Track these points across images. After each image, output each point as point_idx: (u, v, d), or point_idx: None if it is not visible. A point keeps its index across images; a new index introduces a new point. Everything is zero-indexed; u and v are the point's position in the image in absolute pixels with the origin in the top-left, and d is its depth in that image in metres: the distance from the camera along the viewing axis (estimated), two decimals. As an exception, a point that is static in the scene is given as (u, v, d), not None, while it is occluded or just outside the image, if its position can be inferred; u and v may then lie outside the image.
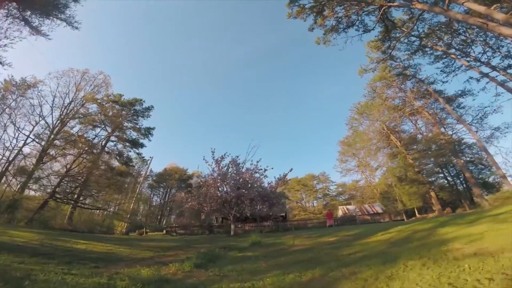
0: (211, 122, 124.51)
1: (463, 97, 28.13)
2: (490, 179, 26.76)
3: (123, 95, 37.39)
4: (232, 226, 18.90)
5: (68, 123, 28.91)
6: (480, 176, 27.22)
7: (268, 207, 18.23)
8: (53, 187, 23.05)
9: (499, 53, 23.19)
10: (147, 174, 30.15)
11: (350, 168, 42.05)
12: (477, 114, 28.04)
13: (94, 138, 36.17)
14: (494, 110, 26.91)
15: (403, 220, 30.18)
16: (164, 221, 60.87)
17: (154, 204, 66.22)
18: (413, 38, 25.42)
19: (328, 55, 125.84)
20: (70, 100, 29.07)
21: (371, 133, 33.04)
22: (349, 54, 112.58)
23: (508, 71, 23.50)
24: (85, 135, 31.07)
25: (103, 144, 36.71)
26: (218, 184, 19.20)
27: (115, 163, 37.99)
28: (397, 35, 23.25)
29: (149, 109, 39.12)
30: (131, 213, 27.96)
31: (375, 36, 23.32)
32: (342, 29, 20.98)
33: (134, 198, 29.97)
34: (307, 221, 27.53)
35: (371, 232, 10.70)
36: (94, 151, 31.81)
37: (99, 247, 8.07)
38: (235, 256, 7.80)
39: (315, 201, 53.86)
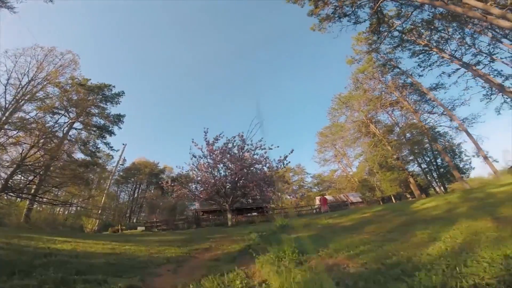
0: (185, 116, 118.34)
1: (437, 90, 29.37)
2: (461, 165, 28.37)
3: (90, 79, 32.90)
4: (229, 216, 16.86)
5: (23, 107, 24.05)
6: (453, 161, 28.67)
7: (272, 192, 16.51)
8: (3, 180, 18.68)
9: (474, 49, 24.17)
10: (120, 163, 26.31)
11: (327, 158, 42.28)
12: (447, 106, 29.52)
13: (54, 125, 31.48)
14: (462, 102, 28.40)
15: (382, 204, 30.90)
16: (135, 218, 55.83)
17: (121, 201, 60.64)
18: (396, 33, 26.04)
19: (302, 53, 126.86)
20: (29, 79, 24.21)
21: (351, 122, 33.14)
22: (329, 49, 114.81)
23: (478, 67, 24.72)
24: (43, 122, 26.33)
25: (65, 131, 31.99)
26: (210, 169, 16.93)
27: (80, 155, 33.47)
28: (383, 29, 23.87)
29: (119, 95, 35.12)
30: (103, 208, 24.18)
31: (367, 28, 23.82)
32: (337, 18, 21.10)
33: (105, 192, 26.02)
34: (297, 209, 26.43)
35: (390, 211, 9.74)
36: (55, 140, 27.23)
37: (91, 246, 5.57)
38: (299, 236, 6.16)
39: (291, 194, 53.46)
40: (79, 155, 33.20)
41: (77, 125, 32.55)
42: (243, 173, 15.32)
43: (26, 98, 22.72)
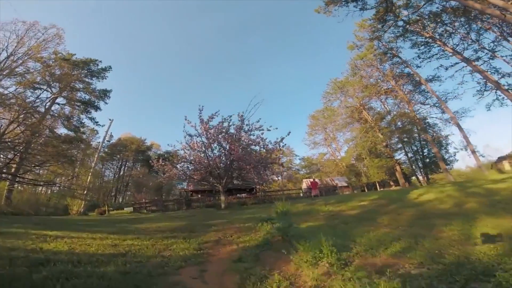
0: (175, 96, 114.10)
1: (432, 82, 29.41)
2: (446, 156, 29.17)
3: (75, 54, 30.82)
4: (223, 198, 16.45)
5: (1, 82, 22.15)
6: (440, 153, 29.42)
7: (269, 175, 16.12)
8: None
9: (477, 45, 24.00)
10: (107, 139, 24.99)
11: (317, 141, 42.46)
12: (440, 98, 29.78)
13: (35, 101, 29.63)
14: (455, 96, 28.64)
15: (367, 191, 31.71)
16: (120, 198, 54.67)
17: (106, 179, 58.91)
18: (400, 23, 25.76)
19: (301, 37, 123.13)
20: (8, 54, 22.41)
21: (344, 107, 33.00)
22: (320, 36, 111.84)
23: (477, 63, 24.69)
24: (24, 97, 24.52)
25: (47, 106, 30.06)
26: (204, 148, 16.18)
27: (63, 130, 31.66)
28: (389, 18, 23.60)
29: (105, 69, 33.25)
30: (89, 188, 23.13)
31: (372, 15, 23.50)
32: (344, 2, 20.44)
33: (91, 171, 24.80)
34: (285, 191, 26.47)
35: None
36: (36, 115, 25.38)
37: (88, 242, 4.74)
38: (310, 227, 5.90)
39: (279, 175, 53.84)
40: (62, 131, 31.56)
41: (60, 100, 30.87)
42: (240, 154, 14.70)
43: (4, 73, 20.80)
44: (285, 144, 16.26)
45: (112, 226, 8.11)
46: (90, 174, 24.16)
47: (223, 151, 16.25)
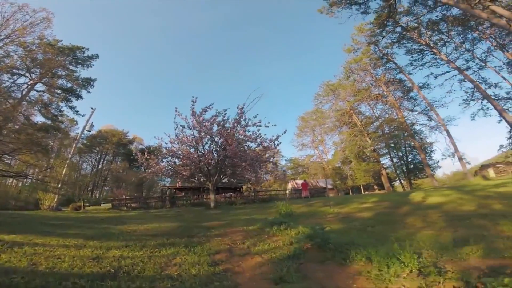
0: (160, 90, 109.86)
1: (422, 89, 29.80)
2: (430, 163, 29.66)
3: (61, 40, 28.81)
4: (212, 197, 15.22)
5: None
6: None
7: (264, 173, 15.05)
8: None
9: (469, 54, 24.42)
10: (87, 129, 22.84)
11: (305, 143, 42.10)
12: (427, 106, 30.22)
13: (11, 86, 27.25)
14: (442, 104, 29.14)
15: (352, 194, 31.65)
16: (98, 193, 51.33)
17: (83, 173, 55.15)
18: (398, 29, 26.31)
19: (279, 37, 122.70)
20: None
21: (335, 110, 32.75)
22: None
23: (467, 72, 25.20)
24: (-1, 81, 22.39)
25: (24, 92, 27.59)
26: (195, 143, 14.87)
27: (40, 119, 29.08)
28: (388, 24, 23.69)
29: (91, 57, 31.12)
30: (64, 181, 20.95)
31: (374, 19, 23.88)
32: (347, 4, 20.68)
33: (67, 162, 22.54)
34: (272, 192, 25.54)
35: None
36: (10, 101, 22.94)
37: (59, 253, 3.45)
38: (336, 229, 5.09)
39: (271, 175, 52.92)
40: (39, 119, 29.02)
41: (39, 86, 28.49)
42: (236, 150, 13.56)
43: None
44: (280, 143, 15.38)
45: (90, 227, 6.74)
46: (66, 166, 21.84)
47: (216, 146, 15.06)
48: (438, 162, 29.30)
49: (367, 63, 29.52)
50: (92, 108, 25.25)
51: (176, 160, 16.41)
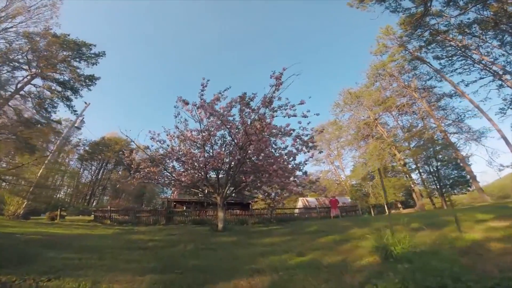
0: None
1: (452, 98, 25.44)
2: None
3: (69, 34, 25.00)
4: (221, 215, 10.21)
5: None
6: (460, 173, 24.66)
7: (296, 185, 9.89)
8: None
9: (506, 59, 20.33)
10: (76, 125, 18.34)
11: (320, 158, 36.97)
12: (459, 116, 25.59)
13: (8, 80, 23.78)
14: (475, 114, 24.56)
15: (373, 214, 26.24)
16: (95, 202, 46.20)
17: (84, 181, 50.35)
18: (426, 33, 22.47)
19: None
20: None
21: (356, 121, 28.13)
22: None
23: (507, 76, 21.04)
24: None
25: (19, 86, 23.99)
26: (203, 139, 10.16)
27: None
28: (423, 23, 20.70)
29: (98, 55, 27.32)
30: (38, 184, 16.20)
31: (407, 18, 20.63)
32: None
33: (46, 161, 17.88)
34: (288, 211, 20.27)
35: None
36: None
37: None
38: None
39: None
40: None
41: (37, 81, 25.10)
42: (261, 148, 8.68)
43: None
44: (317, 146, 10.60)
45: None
46: (44, 165, 17.16)
47: (230, 145, 10.30)
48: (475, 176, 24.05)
49: (396, 67, 25.27)
50: (86, 103, 21.05)
51: (176, 164, 11.61)
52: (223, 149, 10.72)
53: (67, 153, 45.48)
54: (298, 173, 9.76)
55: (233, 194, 11.80)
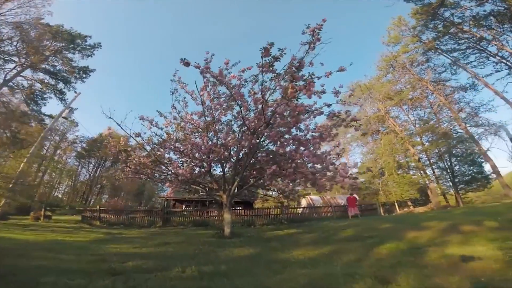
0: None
1: (466, 91, 23.40)
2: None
3: (63, 25, 22.92)
4: (228, 216, 7.98)
5: None
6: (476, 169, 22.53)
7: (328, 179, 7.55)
8: None
9: None
10: (63, 115, 16.00)
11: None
12: (473, 110, 23.51)
13: None
14: (489, 108, 22.57)
15: (383, 212, 24.07)
16: (92, 201, 43.79)
17: (82, 179, 47.96)
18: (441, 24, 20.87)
19: None
20: None
21: (365, 115, 25.99)
22: None
23: None
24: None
25: (7, 77, 21.86)
26: (203, 124, 7.99)
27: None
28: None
29: (93, 46, 25.07)
30: (18, 178, 13.93)
31: (422, 7, 19.68)
32: None
33: (28, 155, 15.55)
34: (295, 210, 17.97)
35: None
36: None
37: None
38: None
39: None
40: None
41: (27, 73, 22.87)
42: (279, 134, 6.51)
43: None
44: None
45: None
46: (25, 160, 14.83)
47: (243, 128, 8.02)
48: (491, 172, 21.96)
49: (409, 59, 23.27)
50: (76, 92, 18.79)
51: (172, 155, 9.35)
52: (229, 137, 8.49)
53: (64, 151, 43.33)
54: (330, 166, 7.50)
55: (242, 191, 9.57)
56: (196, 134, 8.77)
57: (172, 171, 8.11)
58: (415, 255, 3.96)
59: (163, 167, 8.81)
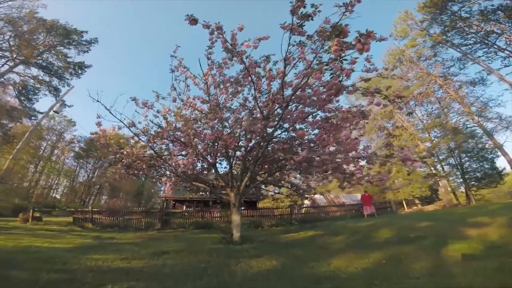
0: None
1: (475, 86, 22.30)
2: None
3: (58, 19, 21.60)
4: (237, 219, 6.63)
5: None
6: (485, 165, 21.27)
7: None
8: None
9: None
10: (54, 110, 14.55)
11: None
12: (482, 105, 22.33)
13: None
14: (499, 103, 21.44)
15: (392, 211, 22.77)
16: (91, 202, 42.18)
17: (81, 179, 46.40)
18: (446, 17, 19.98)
19: None
20: None
21: (373, 110, 24.78)
22: None
23: None
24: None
25: None
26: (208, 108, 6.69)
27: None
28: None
29: (90, 42, 23.79)
30: (3, 177, 12.49)
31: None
32: None
33: (15, 151, 14.07)
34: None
35: None
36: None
37: None
38: None
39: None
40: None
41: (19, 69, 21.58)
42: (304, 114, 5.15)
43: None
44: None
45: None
46: (13, 155, 13.38)
47: (256, 110, 6.61)
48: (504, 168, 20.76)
49: (416, 54, 22.23)
50: (69, 85, 17.39)
51: (171, 146, 7.96)
52: (238, 124, 7.14)
53: (62, 151, 41.76)
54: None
55: (251, 189, 8.22)
56: (199, 123, 7.43)
57: (172, 164, 6.73)
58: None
59: (161, 161, 7.42)
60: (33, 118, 19.78)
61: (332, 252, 4.65)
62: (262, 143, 6.37)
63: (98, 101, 6.32)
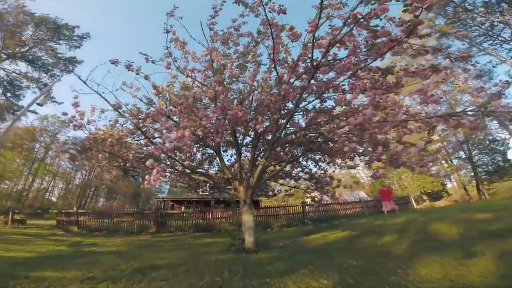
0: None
1: (481, 78, 21.18)
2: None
3: (48, 14, 20.14)
4: (250, 221, 5.05)
5: None
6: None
7: None
8: None
9: None
10: (37, 102, 12.74)
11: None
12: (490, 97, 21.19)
13: None
14: (506, 96, 20.34)
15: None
16: (87, 204, 40.09)
17: (77, 182, 44.29)
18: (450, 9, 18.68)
19: None
20: None
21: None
22: None
23: None
24: None
25: None
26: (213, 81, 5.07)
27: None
28: None
29: (81, 37, 22.05)
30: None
31: None
32: None
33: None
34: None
35: None
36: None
37: None
38: None
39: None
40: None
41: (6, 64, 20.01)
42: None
43: None
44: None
45: None
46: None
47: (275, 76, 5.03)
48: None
49: (423, 44, 21.02)
50: (58, 75, 15.68)
51: (165, 133, 6.29)
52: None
53: (56, 153, 39.76)
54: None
55: (265, 181, 6.67)
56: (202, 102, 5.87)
57: (159, 138, 5.19)
58: None
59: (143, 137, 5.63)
60: (16, 113, 18.06)
61: (401, 258, 3.11)
62: (281, 120, 4.84)
63: (75, 74, 4.68)
